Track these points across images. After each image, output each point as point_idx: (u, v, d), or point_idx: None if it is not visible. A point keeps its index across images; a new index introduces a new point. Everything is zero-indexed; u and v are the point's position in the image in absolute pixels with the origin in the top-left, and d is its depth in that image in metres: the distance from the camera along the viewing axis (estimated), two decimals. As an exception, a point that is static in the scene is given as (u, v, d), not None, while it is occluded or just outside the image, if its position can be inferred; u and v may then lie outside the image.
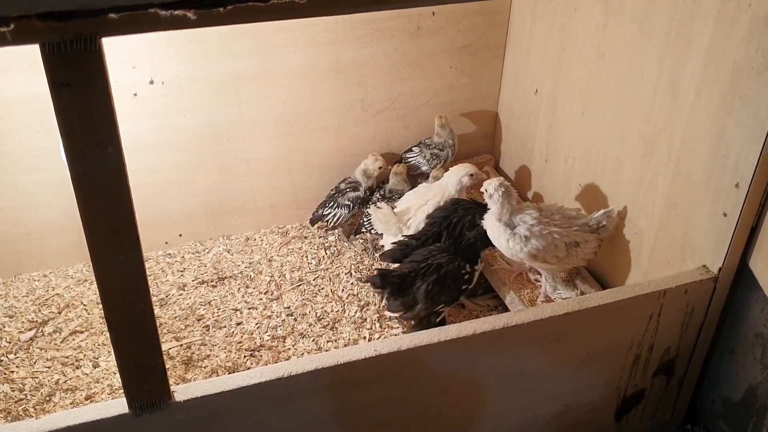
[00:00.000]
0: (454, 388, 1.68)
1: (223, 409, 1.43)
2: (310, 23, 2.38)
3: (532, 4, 2.47)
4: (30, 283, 2.45)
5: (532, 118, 2.59)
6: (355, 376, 1.52)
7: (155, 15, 0.97)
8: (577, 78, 2.25)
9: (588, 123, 2.23)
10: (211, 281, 2.47)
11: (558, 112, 2.41)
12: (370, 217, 2.42)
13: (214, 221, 2.65)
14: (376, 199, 2.58)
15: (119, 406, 1.35)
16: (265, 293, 2.42)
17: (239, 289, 2.44)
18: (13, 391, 2.02)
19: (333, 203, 2.56)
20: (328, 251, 2.61)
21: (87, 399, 2.02)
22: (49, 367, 2.11)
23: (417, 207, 2.37)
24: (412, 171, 2.67)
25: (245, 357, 2.16)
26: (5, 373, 2.08)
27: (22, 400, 2.00)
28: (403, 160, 2.70)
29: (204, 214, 2.62)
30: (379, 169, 2.56)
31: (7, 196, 2.33)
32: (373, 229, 2.45)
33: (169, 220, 2.58)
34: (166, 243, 2.63)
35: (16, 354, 2.16)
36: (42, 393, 2.02)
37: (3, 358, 2.13)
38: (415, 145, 2.71)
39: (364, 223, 2.53)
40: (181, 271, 2.53)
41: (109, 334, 1.29)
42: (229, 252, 2.62)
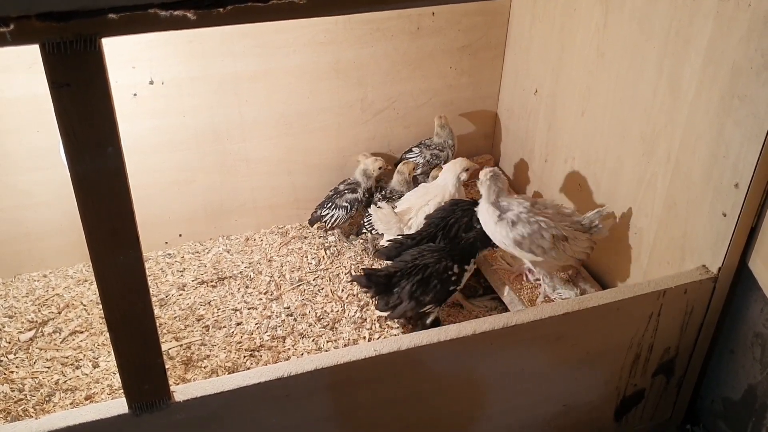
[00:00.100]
0: (453, 388, 1.68)
1: (223, 409, 1.43)
2: (309, 23, 2.38)
3: (531, 4, 2.47)
4: (30, 283, 2.45)
5: (531, 118, 2.59)
6: (354, 376, 1.52)
7: (155, 15, 0.97)
8: (576, 78, 2.25)
9: (588, 123, 2.23)
10: (211, 281, 2.47)
11: (558, 112, 2.41)
12: (371, 217, 2.42)
13: (214, 221, 2.65)
14: (377, 199, 2.58)
15: (119, 406, 1.35)
16: (264, 293, 2.42)
17: (239, 289, 2.44)
18: (12, 391, 2.02)
19: (331, 204, 2.56)
20: (328, 251, 2.61)
21: (87, 399, 2.02)
22: (48, 368, 2.11)
23: (418, 207, 2.37)
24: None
25: (245, 357, 2.16)
26: (5, 374, 2.08)
27: (22, 400, 2.00)
28: (403, 159, 2.70)
29: (204, 214, 2.62)
30: (379, 169, 2.56)
31: (7, 196, 2.33)
32: (374, 230, 2.45)
33: (169, 220, 2.58)
34: (166, 243, 2.63)
35: (15, 354, 2.16)
36: (42, 393, 2.02)
37: (3, 359, 2.13)
38: (415, 146, 2.71)
39: (365, 224, 2.53)
40: (180, 271, 2.53)
41: (108, 335, 1.29)
42: (228, 252, 2.62)
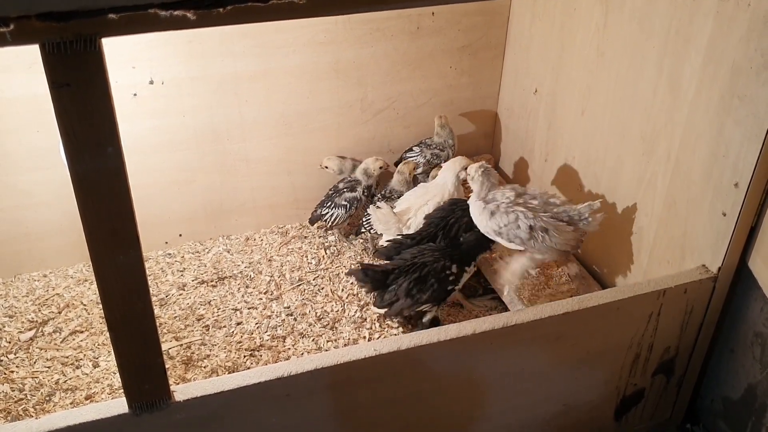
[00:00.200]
0: (453, 387, 1.68)
1: (223, 408, 1.43)
2: (309, 23, 2.38)
3: (531, 3, 2.47)
4: (30, 283, 2.45)
5: (531, 117, 2.59)
6: (354, 376, 1.52)
7: (155, 15, 0.97)
8: (576, 77, 2.25)
9: (588, 122, 2.23)
10: (211, 281, 2.47)
11: (558, 112, 2.41)
12: (370, 217, 2.42)
13: (214, 221, 2.65)
14: (376, 199, 2.58)
15: (119, 405, 1.35)
16: (265, 293, 2.42)
17: (239, 288, 2.44)
18: (13, 390, 2.02)
19: (330, 203, 2.56)
20: (328, 251, 2.61)
21: (87, 399, 2.02)
22: (49, 367, 2.11)
23: (417, 207, 2.37)
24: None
25: (245, 357, 2.16)
26: (5, 373, 2.08)
27: (22, 399, 2.00)
28: (404, 158, 2.70)
29: (204, 214, 2.62)
30: (380, 169, 2.56)
31: (7, 196, 2.33)
32: (372, 229, 2.45)
33: (169, 220, 2.58)
34: (166, 243, 2.63)
35: (16, 354, 2.16)
36: (42, 393, 2.02)
37: (3, 358, 2.13)
38: (415, 145, 2.71)
39: (364, 223, 2.53)
40: (181, 270, 2.53)
41: (109, 334, 1.29)
42: (229, 252, 2.62)
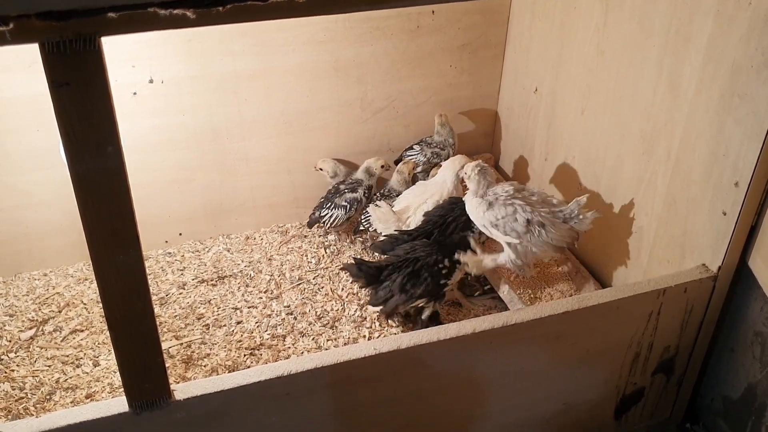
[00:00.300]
0: (453, 386, 1.68)
1: (223, 407, 1.43)
2: (309, 22, 2.38)
3: (531, 2, 2.47)
4: (30, 282, 2.45)
5: (532, 116, 2.59)
6: (354, 375, 1.52)
7: (154, 14, 0.97)
8: (576, 76, 2.25)
9: (588, 121, 2.23)
10: (211, 280, 2.47)
11: (558, 111, 2.41)
12: (369, 216, 2.42)
13: (214, 220, 2.65)
14: (375, 198, 2.58)
15: (119, 404, 1.35)
16: (264, 292, 2.42)
17: (239, 287, 2.44)
18: (13, 389, 2.02)
19: (330, 204, 2.55)
20: (327, 250, 2.61)
21: (87, 398, 2.02)
22: (49, 366, 2.11)
23: (416, 205, 2.37)
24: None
25: (245, 356, 2.16)
26: (6, 372, 2.08)
27: (23, 398, 2.00)
28: (404, 156, 2.70)
29: (204, 213, 2.62)
30: (382, 168, 2.56)
31: (7, 196, 2.33)
32: (371, 227, 2.45)
33: (169, 219, 2.58)
34: (166, 242, 2.63)
35: (16, 353, 2.16)
36: (42, 392, 2.02)
37: (3, 357, 2.14)
38: (416, 143, 2.71)
39: (362, 221, 2.52)
40: (181, 270, 2.53)
41: (109, 333, 1.29)
42: (228, 251, 2.62)
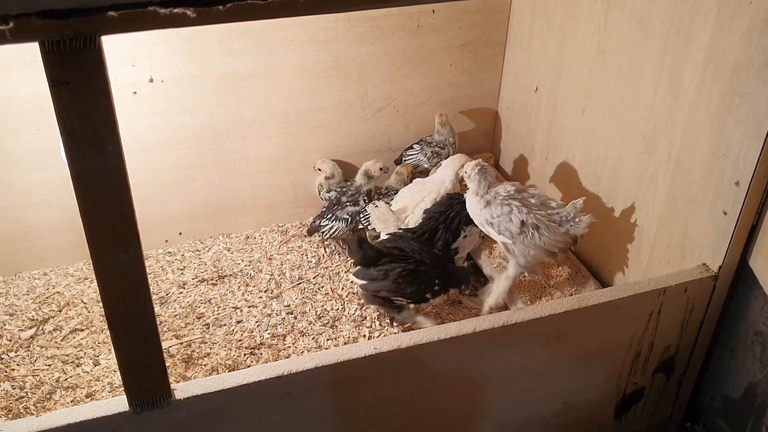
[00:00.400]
0: (453, 386, 1.68)
1: (224, 406, 1.43)
2: (309, 21, 2.38)
3: (532, 1, 2.47)
4: (30, 282, 2.45)
5: (532, 116, 2.59)
6: (355, 374, 1.52)
7: (155, 13, 0.97)
8: (577, 76, 2.25)
9: (588, 121, 2.23)
10: (211, 279, 2.47)
11: (558, 110, 2.41)
12: (368, 215, 2.42)
13: (214, 219, 2.65)
14: (374, 197, 2.57)
15: (120, 404, 1.35)
16: (265, 291, 2.42)
17: (239, 287, 2.44)
18: (13, 389, 2.02)
19: (331, 215, 2.52)
20: (327, 249, 2.61)
21: (87, 397, 2.02)
22: (49, 365, 2.11)
23: (414, 204, 2.37)
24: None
25: (245, 355, 2.16)
26: (6, 371, 2.08)
27: (23, 397, 2.00)
28: (404, 158, 2.70)
29: (204, 212, 2.62)
30: (380, 170, 2.55)
31: (8, 196, 2.33)
32: (370, 226, 2.45)
33: (169, 219, 2.58)
34: (166, 241, 2.63)
35: (16, 352, 2.16)
36: (42, 391, 2.02)
37: (4, 356, 2.14)
38: (416, 143, 2.71)
39: (362, 220, 2.52)
40: (181, 269, 2.53)
41: (109, 332, 1.29)
42: (229, 250, 2.62)
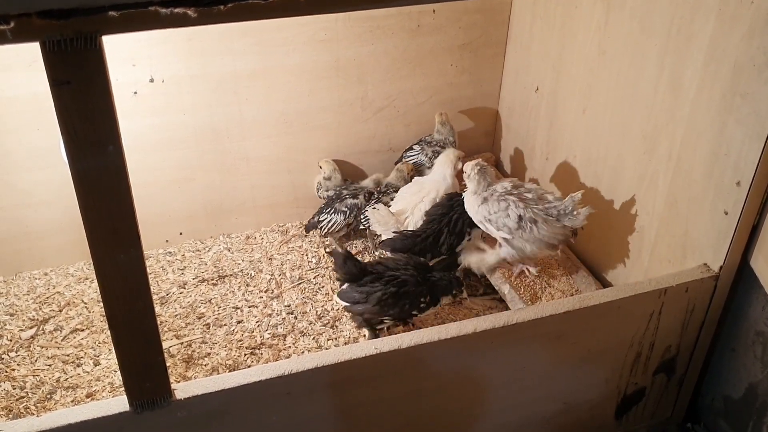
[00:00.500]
0: (454, 386, 1.68)
1: (224, 406, 1.43)
2: (309, 21, 2.38)
3: (532, 1, 2.47)
4: (31, 282, 2.45)
5: (532, 115, 2.59)
6: (355, 374, 1.52)
7: (155, 13, 0.97)
8: (577, 76, 2.25)
9: (589, 121, 2.23)
10: (212, 279, 2.47)
11: (559, 110, 2.41)
12: (368, 217, 2.41)
13: (215, 219, 2.65)
14: (374, 196, 2.57)
15: (120, 403, 1.35)
16: (265, 291, 2.42)
17: (240, 287, 2.44)
18: (14, 388, 2.02)
19: (330, 209, 2.52)
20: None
21: (88, 397, 2.02)
22: (50, 365, 2.11)
23: (413, 205, 2.37)
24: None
25: (246, 355, 2.16)
26: (6, 371, 2.08)
27: (23, 397, 2.00)
28: (404, 158, 2.70)
29: (204, 212, 2.62)
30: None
31: (8, 196, 2.33)
32: (370, 227, 2.45)
33: (170, 219, 2.58)
34: (167, 241, 2.63)
35: (17, 352, 2.16)
36: (43, 391, 2.02)
37: (4, 356, 2.14)
38: (416, 143, 2.71)
39: (362, 220, 2.52)
40: (181, 269, 2.53)
41: (109, 332, 1.29)
42: (229, 250, 2.62)
